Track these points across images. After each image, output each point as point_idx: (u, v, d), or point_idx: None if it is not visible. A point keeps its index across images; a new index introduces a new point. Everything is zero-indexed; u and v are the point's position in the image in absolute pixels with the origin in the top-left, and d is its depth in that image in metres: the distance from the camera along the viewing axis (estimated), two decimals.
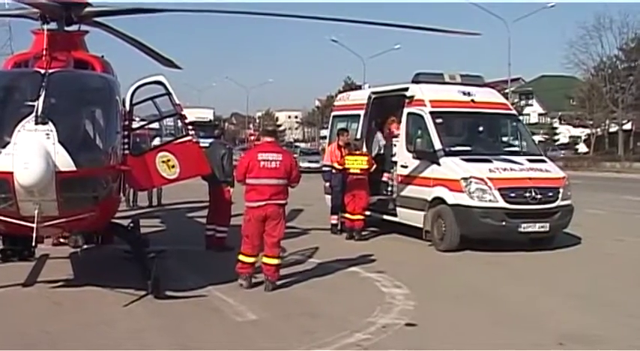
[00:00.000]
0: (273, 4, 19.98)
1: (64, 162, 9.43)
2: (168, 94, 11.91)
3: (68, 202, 9.68)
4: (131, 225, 13.27)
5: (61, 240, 11.49)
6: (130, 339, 8.99)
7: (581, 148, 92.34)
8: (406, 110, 17.95)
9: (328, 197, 19.21)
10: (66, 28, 12.18)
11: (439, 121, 17.10)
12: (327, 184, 19.03)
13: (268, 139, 12.29)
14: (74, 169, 9.51)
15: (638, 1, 72.07)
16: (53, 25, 11.84)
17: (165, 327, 9.59)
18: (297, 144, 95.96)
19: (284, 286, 12.09)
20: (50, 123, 9.61)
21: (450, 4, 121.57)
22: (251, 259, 11.88)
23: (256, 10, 14.10)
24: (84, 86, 11.12)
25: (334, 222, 18.73)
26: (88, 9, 12.05)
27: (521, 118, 22.08)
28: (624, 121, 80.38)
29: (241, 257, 11.91)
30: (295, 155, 11.83)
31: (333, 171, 18.56)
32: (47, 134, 9.51)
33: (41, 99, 9.89)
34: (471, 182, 15.65)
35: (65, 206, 9.65)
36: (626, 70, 79.01)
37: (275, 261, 11.87)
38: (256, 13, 14.21)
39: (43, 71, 10.58)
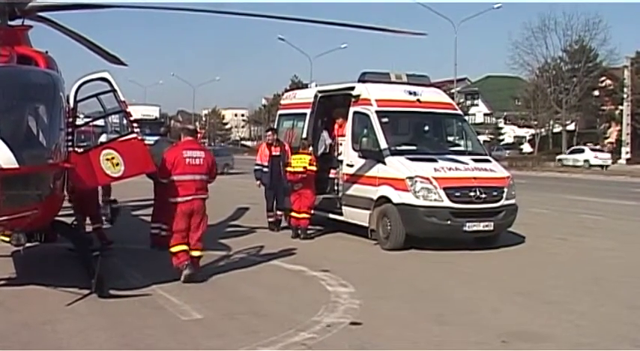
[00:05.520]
0: (221, 2, 19.93)
1: (6, 159, 9.31)
2: (113, 90, 11.78)
3: (10, 199, 9.57)
4: (75, 223, 13.14)
5: (3, 238, 11.34)
6: (73, 338, 8.91)
7: (526, 148, 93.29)
8: (352, 109, 18.01)
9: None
10: (9, 23, 12.01)
11: (385, 120, 17.18)
12: (258, 182, 19.12)
13: (190, 137, 12.87)
14: (16, 166, 9.40)
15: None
16: None
17: (108, 326, 9.51)
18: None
19: (228, 285, 12.08)
20: None
21: (397, 4, 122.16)
22: (184, 247, 12.19)
23: (202, 8, 14.02)
24: (27, 82, 10.95)
25: (270, 220, 18.91)
26: (31, 4, 11.91)
27: (466, 118, 22.21)
28: (568, 122, 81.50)
29: (175, 249, 12.19)
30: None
31: (264, 170, 18.75)
32: None
33: None
34: (416, 181, 15.72)
35: (7, 204, 9.54)
36: (569, 71, 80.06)
37: (199, 253, 12.37)
38: (201, 11, 14.11)
39: None
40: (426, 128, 18.66)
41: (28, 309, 10.21)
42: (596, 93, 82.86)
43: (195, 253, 12.29)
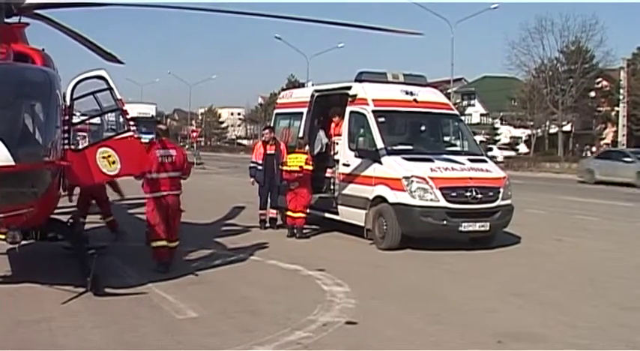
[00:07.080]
0: (217, 1, 19.88)
1: (2, 156, 9.29)
2: (110, 88, 11.75)
3: (6, 197, 9.56)
4: (70, 221, 13.12)
5: None
6: (69, 336, 8.90)
7: (522, 148, 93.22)
8: (349, 109, 18.00)
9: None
10: (6, 20, 11.97)
11: (381, 120, 17.17)
12: (252, 180, 19.21)
13: (163, 137, 13.49)
14: (12, 163, 9.37)
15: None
16: None
17: (104, 324, 9.50)
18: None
19: (224, 284, 12.08)
20: None
21: (393, 4, 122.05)
22: (164, 242, 12.85)
23: (198, 6, 14.00)
24: (23, 80, 10.93)
25: (262, 218, 19.03)
26: (28, 1, 11.87)
27: (463, 118, 22.21)
28: (564, 123, 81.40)
29: (156, 243, 12.88)
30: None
31: (259, 168, 18.83)
32: None
33: None
34: (412, 181, 15.71)
35: (3, 201, 9.52)
36: (566, 72, 79.85)
37: (176, 243, 13.18)
38: (198, 9, 14.12)
39: None
40: (423, 128, 18.61)
41: (23, 307, 10.20)
42: (593, 94, 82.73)
43: (172, 244, 13.02)
